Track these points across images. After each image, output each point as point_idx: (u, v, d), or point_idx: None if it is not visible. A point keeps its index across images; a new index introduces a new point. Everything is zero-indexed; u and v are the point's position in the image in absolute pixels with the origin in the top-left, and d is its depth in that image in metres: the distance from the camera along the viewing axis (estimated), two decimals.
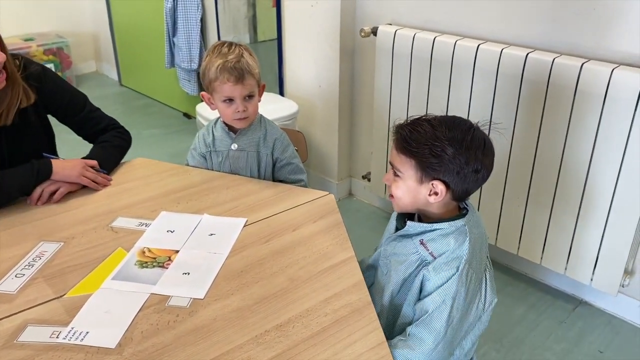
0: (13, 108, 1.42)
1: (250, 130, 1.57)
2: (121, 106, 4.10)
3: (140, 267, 1.18)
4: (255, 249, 1.25)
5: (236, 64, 1.45)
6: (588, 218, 1.87)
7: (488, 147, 1.10)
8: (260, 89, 1.54)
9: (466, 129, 1.08)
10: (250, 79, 1.47)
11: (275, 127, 1.63)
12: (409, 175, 1.11)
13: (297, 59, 2.70)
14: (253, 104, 1.52)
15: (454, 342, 1.13)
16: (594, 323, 1.99)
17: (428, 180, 1.09)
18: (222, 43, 1.52)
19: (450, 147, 1.06)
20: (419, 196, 1.12)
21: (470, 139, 1.07)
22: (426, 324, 1.08)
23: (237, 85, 1.46)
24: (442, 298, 1.08)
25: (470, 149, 1.07)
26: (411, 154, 1.09)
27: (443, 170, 1.07)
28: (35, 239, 1.27)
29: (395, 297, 1.17)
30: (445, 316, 1.08)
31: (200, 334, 1.00)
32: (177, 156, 2.96)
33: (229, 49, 1.48)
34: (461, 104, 2.05)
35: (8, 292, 1.10)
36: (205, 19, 3.30)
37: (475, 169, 1.08)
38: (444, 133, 1.07)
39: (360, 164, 2.73)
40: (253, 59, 1.50)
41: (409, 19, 2.25)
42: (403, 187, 1.12)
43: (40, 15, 4.27)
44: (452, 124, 1.09)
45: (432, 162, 1.07)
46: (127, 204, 1.42)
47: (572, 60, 1.76)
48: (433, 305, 1.08)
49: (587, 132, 1.78)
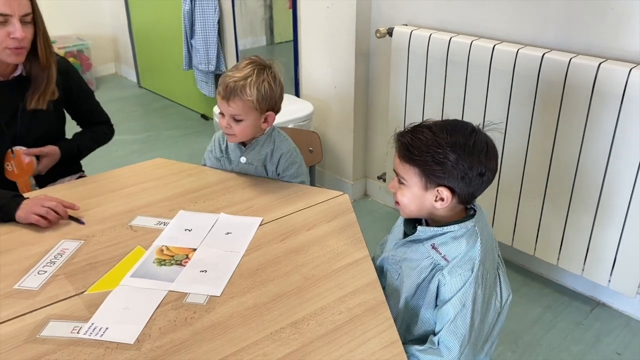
0: (47, 98, 1.57)
1: (258, 145, 1.55)
2: (140, 108, 4.16)
3: (158, 264, 1.20)
4: (271, 248, 1.27)
5: (231, 83, 1.43)
6: (605, 219, 1.85)
7: (491, 149, 1.10)
8: (263, 117, 1.48)
9: (468, 133, 1.08)
10: (237, 102, 1.43)
11: (285, 142, 1.58)
12: (413, 182, 1.10)
13: (313, 60, 2.71)
14: (240, 126, 1.47)
15: (477, 344, 1.13)
16: (612, 325, 1.97)
17: (433, 186, 1.09)
18: (249, 59, 1.49)
19: (453, 153, 1.05)
20: (425, 202, 1.11)
21: (473, 143, 1.06)
22: (451, 331, 1.08)
23: (223, 102, 1.46)
24: (462, 303, 1.08)
25: (473, 153, 1.06)
26: (414, 162, 1.09)
27: (447, 176, 1.07)
28: (56, 237, 1.30)
29: (410, 302, 1.16)
30: (469, 320, 1.08)
31: (216, 331, 1.02)
32: (194, 156, 3.00)
33: (245, 66, 1.46)
34: (477, 104, 2.05)
35: (31, 288, 1.13)
36: (223, 21, 3.34)
37: (479, 172, 1.07)
38: (446, 139, 1.06)
39: (376, 164, 2.73)
40: (259, 87, 1.43)
41: (425, 20, 2.25)
42: (409, 194, 1.12)
43: (62, 18, 4.35)
44: (453, 128, 1.08)
45: (436, 169, 1.07)
46: (146, 203, 1.45)
47: (588, 60, 1.75)
48: (454, 310, 1.08)
49: (604, 133, 1.77)
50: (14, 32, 1.42)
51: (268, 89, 1.44)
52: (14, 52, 1.45)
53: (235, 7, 3.22)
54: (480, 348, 1.17)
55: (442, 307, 1.10)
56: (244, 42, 3.32)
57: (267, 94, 1.44)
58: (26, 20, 1.45)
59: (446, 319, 1.09)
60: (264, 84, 1.44)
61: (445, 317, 1.09)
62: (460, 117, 2.11)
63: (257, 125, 1.50)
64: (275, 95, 1.47)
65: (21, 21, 1.43)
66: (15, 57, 1.47)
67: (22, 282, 1.14)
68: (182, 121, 3.89)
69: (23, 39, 1.44)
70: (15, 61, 1.49)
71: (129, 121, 3.85)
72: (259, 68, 1.45)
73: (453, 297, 1.08)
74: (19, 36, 1.42)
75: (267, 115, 1.49)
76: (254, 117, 1.47)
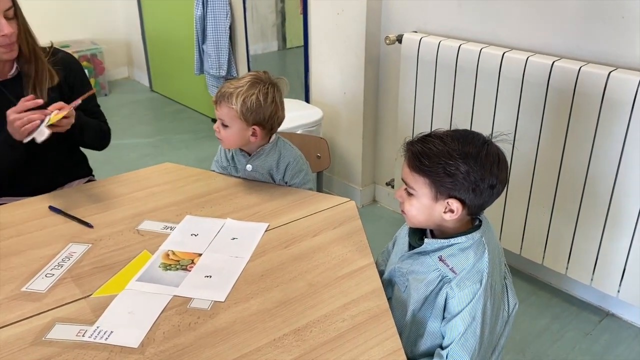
0: (44, 87, 1.56)
1: (263, 154, 1.57)
2: (151, 111, 4.20)
3: (164, 269, 1.21)
4: (276, 254, 1.27)
5: (224, 89, 1.49)
6: (615, 228, 1.84)
7: (502, 161, 1.08)
8: (250, 129, 1.49)
9: (480, 145, 1.06)
10: (223, 108, 1.48)
11: (290, 151, 1.60)
12: (423, 193, 1.09)
13: (323, 65, 2.72)
14: (226, 132, 1.51)
15: (485, 356, 1.13)
16: (621, 336, 1.95)
17: (443, 198, 1.08)
18: (254, 72, 1.53)
19: (464, 165, 1.04)
20: (433, 214, 1.10)
21: (485, 154, 1.05)
22: (462, 344, 1.07)
23: (215, 105, 1.52)
24: (472, 316, 1.07)
25: (485, 165, 1.05)
26: (424, 173, 1.07)
27: (458, 188, 1.06)
28: (65, 241, 1.32)
29: (417, 315, 1.15)
30: (478, 332, 1.07)
31: (220, 336, 1.02)
32: (204, 160, 3.01)
33: (244, 77, 1.51)
34: (486, 112, 2.05)
35: (38, 291, 1.14)
36: (234, 26, 3.36)
37: (490, 184, 1.06)
38: (457, 150, 1.05)
39: (384, 170, 2.73)
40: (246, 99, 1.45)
41: (434, 27, 2.25)
42: (417, 205, 1.11)
43: (76, 23, 4.41)
44: (464, 139, 1.07)
45: (446, 180, 1.05)
46: (153, 208, 1.46)
47: (599, 69, 1.74)
48: (464, 324, 1.07)
49: (614, 141, 1.75)
50: (1, 29, 1.42)
51: (255, 102, 1.46)
52: (6, 48, 1.46)
53: (247, 12, 3.24)
54: (488, 359, 1.16)
55: (452, 321, 1.09)
56: (255, 47, 3.34)
57: (252, 107, 1.46)
58: (9, 15, 1.45)
59: (456, 333, 1.08)
60: (252, 97, 1.46)
61: (455, 331, 1.08)
62: (469, 124, 2.11)
63: (244, 136, 1.51)
64: (263, 111, 1.48)
65: (5, 17, 1.43)
66: (9, 54, 1.49)
67: (29, 284, 1.16)
68: (193, 125, 3.91)
69: (12, 34, 1.45)
70: (9, 57, 1.50)
71: (141, 125, 3.90)
72: (254, 82, 1.49)
73: (463, 311, 1.07)
74: (7, 32, 1.43)
75: (254, 129, 1.50)
76: (239, 126, 1.49)
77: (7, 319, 1.06)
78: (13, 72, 1.56)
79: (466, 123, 2.11)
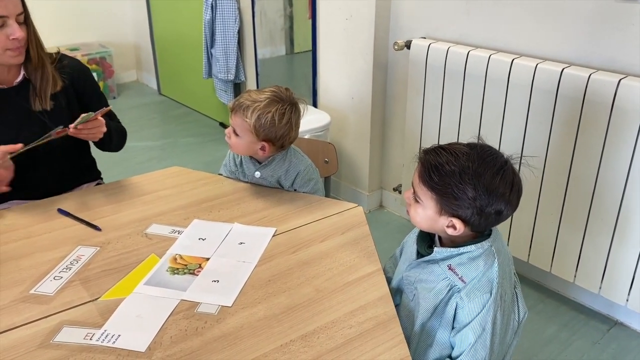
0: (47, 93, 1.56)
1: (273, 163, 1.56)
2: (160, 115, 4.22)
3: (171, 273, 1.21)
4: (283, 259, 1.27)
5: (242, 99, 1.50)
6: (624, 237, 1.82)
7: (516, 187, 1.06)
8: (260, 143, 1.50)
9: (495, 171, 1.04)
10: (238, 118, 1.49)
11: (301, 160, 1.59)
12: (428, 205, 1.09)
13: (331, 70, 2.72)
14: (236, 139, 1.52)
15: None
16: (630, 345, 1.93)
17: (447, 215, 1.07)
18: (275, 87, 1.52)
19: (473, 191, 1.03)
20: (437, 225, 1.10)
21: (499, 180, 1.03)
22: (471, 356, 1.07)
23: (230, 113, 1.53)
24: (482, 326, 1.06)
25: (496, 194, 1.03)
26: (432, 188, 1.07)
27: (463, 210, 1.05)
28: (73, 244, 1.32)
29: (426, 324, 1.15)
30: (489, 343, 1.06)
31: (226, 341, 1.02)
32: (212, 164, 3.02)
33: (265, 92, 1.50)
34: (494, 118, 2.04)
35: (46, 293, 1.15)
36: (243, 30, 3.37)
37: (497, 210, 1.05)
38: (470, 172, 1.03)
39: (392, 176, 2.73)
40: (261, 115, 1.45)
41: (443, 33, 2.25)
42: (422, 213, 1.11)
43: (85, 26, 4.44)
44: (481, 160, 1.04)
45: (452, 202, 1.05)
46: (161, 212, 1.47)
47: (608, 76, 1.73)
48: (474, 335, 1.06)
49: (623, 150, 1.74)
50: (13, 33, 1.43)
51: (269, 121, 1.46)
52: (15, 52, 1.47)
53: (256, 17, 3.25)
54: None
55: (462, 331, 1.08)
56: (264, 51, 3.35)
57: (266, 125, 1.46)
58: (20, 20, 1.47)
59: (466, 344, 1.07)
60: (267, 115, 1.46)
61: (465, 342, 1.07)
62: (477, 130, 2.10)
63: (253, 148, 1.52)
64: (276, 130, 1.48)
65: (16, 21, 1.45)
66: (17, 58, 1.49)
67: (38, 287, 1.16)
68: (201, 129, 3.92)
69: (23, 39, 1.46)
70: (17, 62, 1.51)
71: (149, 128, 3.91)
72: (274, 99, 1.48)
73: (473, 321, 1.07)
74: (19, 37, 1.44)
75: (263, 144, 1.50)
76: (249, 138, 1.50)
77: (15, 321, 1.07)
78: (20, 79, 1.56)
79: (474, 130, 2.10)
